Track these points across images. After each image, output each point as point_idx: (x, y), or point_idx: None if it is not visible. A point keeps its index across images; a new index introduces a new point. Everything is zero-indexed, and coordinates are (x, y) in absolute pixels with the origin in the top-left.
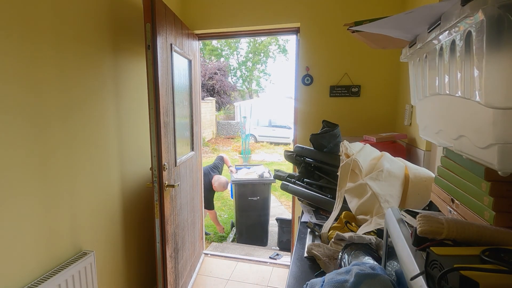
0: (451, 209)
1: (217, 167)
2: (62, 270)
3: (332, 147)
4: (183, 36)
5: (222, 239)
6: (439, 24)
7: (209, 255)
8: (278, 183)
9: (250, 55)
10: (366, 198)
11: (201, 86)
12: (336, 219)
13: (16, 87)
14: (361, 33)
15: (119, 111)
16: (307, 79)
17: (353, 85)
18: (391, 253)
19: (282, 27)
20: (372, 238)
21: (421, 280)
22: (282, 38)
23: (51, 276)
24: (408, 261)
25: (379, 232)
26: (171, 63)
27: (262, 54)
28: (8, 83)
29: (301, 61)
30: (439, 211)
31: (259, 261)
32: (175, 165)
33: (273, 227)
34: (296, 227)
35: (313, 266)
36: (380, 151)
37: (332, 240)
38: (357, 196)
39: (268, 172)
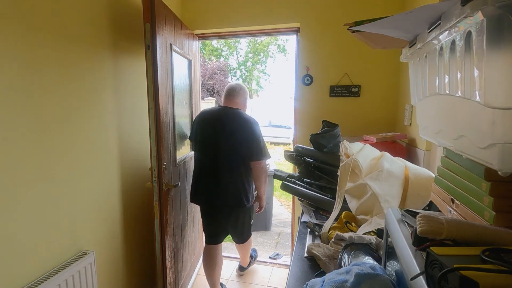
0: (451, 209)
1: None
2: (62, 270)
3: (332, 147)
4: (183, 36)
5: None
6: (439, 24)
7: None
8: (278, 183)
9: (250, 55)
10: (366, 198)
11: (201, 86)
12: (336, 219)
13: (16, 87)
14: (361, 33)
15: (118, 111)
16: (307, 79)
17: (353, 85)
18: (391, 253)
19: (282, 27)
20: (372, 238)
21: (421, 280)
22: (281, 38)
23: (51, 276)
24: (408, 261)
25: (379, 232)
26: (170, 63)
27: (262, 54)
28: (8, 83)
29: (301, 61)
30: (439, 211)
31: (259, 261)
32: (175, 165)
33: (275, 227)
34: (296, 227)
35: (313, 266)
36: (380, 151)
37: (332, 240)
38: (357, 196)
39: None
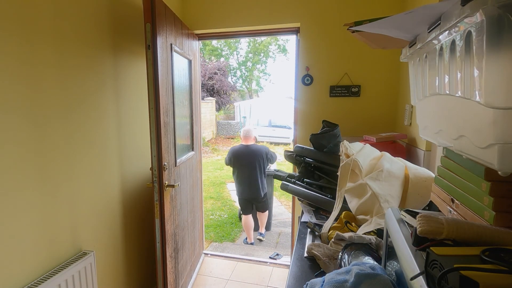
0: (451, 209)
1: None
2: (62, 270)
3: (332, 147)
4: (183, 36)
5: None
6: (439, 24)
7: (209, 255)
8: (278, 183)
9: (250, 55)
10: (366, 198)
11: (201, 86)
12: (336, 219)
13: (16, 87)
14: (361, 33)
15: (119, 111)
16: (307, 79)
17: (353, 85)
18: (391, 253)
19: (282, 27)
20: (372, 238)
21: (421, 280)
22: (282, 38)
23: (51, 276)
24: (408, 261)
25: (379, 232)
26: (171, 63)
27: (262, 54)
28: (8, 83)
29: (301, 61)
30: (439, 211)
31: (259, 261)
32: (175, 165)
33: (275, 227)
34: (296, 227)
35: (313, 266)
36: (380, 151)
37: (332, 240)
38: (357, 196)
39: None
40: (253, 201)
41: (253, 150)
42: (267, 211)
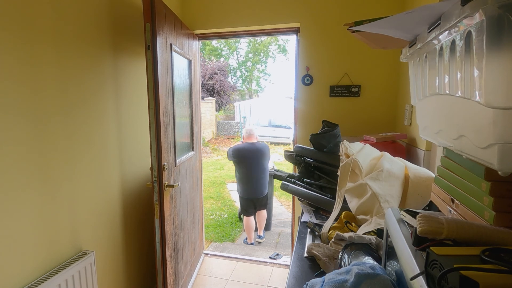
0: (451, 209)
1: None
2: (62, 270)
3: (332, 147)
4: (183, 36)
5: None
6: (439, 24)
7: (209, 255)
8: (278, 183)
9: (250, 55)
10: (366, 198)
11: (201, 86)
12: (336, 219)
13: (16, 87)
14: (361, 33)
15: (119, 111)
16: (307, 79)
17: (353, 85)
18: (391, 253)
19: (282, 27)
20: (372, 238)
21: (421, 280)
22: (282, 38)
23: (51, 276)
24: (408, 261)
25: (379, 232)
26: (171, 63)
27: (262, 54)
28: (8, 83)
29: (301, 61)
30: (439, 211)
31: (259, 261)
32: (175, 165)
33: (275, 227)
34: (296, 227)
35: (313, 266)
36: (380, 151)
37: (332, 240)
38: (357, 196)
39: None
40: (256, 200)
41: (259, 148)
42: (265, 212)
